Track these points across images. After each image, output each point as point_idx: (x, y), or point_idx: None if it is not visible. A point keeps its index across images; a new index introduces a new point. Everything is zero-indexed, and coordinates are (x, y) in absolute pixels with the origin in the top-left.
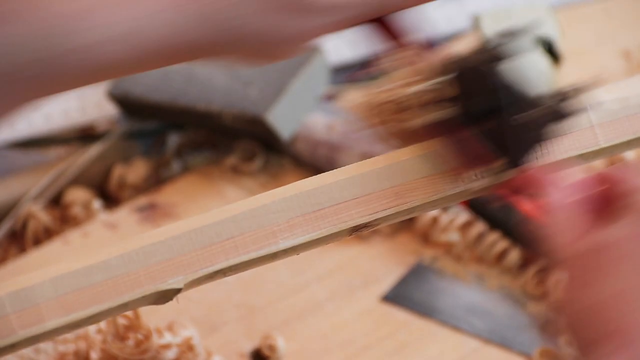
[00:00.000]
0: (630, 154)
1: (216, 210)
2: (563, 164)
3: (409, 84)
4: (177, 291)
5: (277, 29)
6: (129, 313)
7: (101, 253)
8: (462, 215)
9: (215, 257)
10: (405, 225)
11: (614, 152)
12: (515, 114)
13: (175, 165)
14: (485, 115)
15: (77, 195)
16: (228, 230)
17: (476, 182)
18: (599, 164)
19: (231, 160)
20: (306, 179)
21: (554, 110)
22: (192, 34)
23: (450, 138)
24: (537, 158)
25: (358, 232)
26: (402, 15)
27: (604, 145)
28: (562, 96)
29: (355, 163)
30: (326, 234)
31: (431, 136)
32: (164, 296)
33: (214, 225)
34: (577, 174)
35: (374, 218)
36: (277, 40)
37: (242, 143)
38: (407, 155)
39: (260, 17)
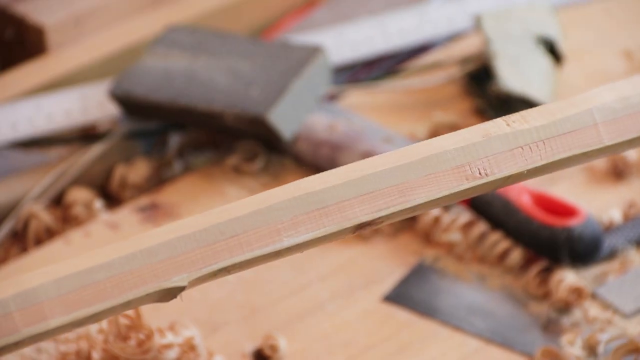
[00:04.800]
0: (631, 153)
1: (220, 208)
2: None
3: None
4: (181, 289)
5: None
6: (131, 313)
7: (104, 251)
8: (463, 215)
9: (219, 254)
10: (406, 225)
11: (617, 150)
12: None
13: (177, 165)
14: None
15: (79, 195)
16: (232, 228)
17: (480, 180)
18: (600, 162)
19: (233, 160)
20: (310, 177)
21: None
22: None
23: None
24: None
25: (362, 229)
26: None
27: (607, 143)
28: None
29: (359, 161)
30: (330, 231)
31: None
32: (168, 294)
33: (217, 223)
34: None
35: (378, 216)
36: None
37: (244, 143)
38: (411, 153)
39: None
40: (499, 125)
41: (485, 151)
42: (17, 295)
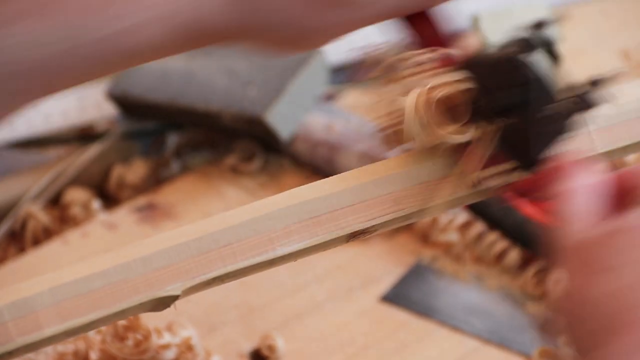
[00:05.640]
0: (628, 159)
1: (214, 217)
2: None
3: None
4: (175, 298)
5: (310, 19)
6: None
7: (99, 260)
8: (461, 215)
9: (213, 264)
10: (404, 225)
11: (610, 157)
12: (542, 107)
13: (175, 165)
14: (506, 110)
15: (77, 195)
16: (225, 237)
17: (477, 187)
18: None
19: (230, 160)
20: (303, 186)
21: (580, 101)
22: (227, 16)
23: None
24: (554, 154)
25: (356, 238)
26: (438, 10)
27: (601, 150)
28: (586, 87)
29: (353, 169)
30: (323, 240)
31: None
32: (162, 303)
33: (211, 232)
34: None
35: (372, 224)
36: (308, 31)
37: (241, 143)
38: (405, 161)
39: (294, 6)
40: None
41: None
42: (11, 304)
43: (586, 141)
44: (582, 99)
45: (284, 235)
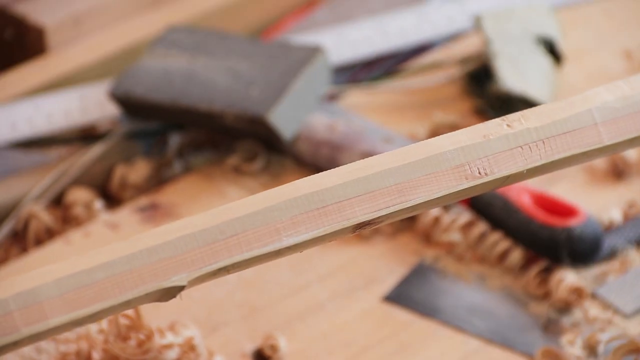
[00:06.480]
0: (631, 153)
1: (219, 208)
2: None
3: None
4: (181, 288)
5: None
6: (131, 313)
7: (104, 251)
8: (463, 215)
9: (219, 254)
10: (406, 225)
11: (616, 150)
12: None
13: (177, 166)
14: None
15: (79, 196)
16: (231, 228)
17: (479, 179)
18: (600, 162)
19: (233, 160)
20: (309, 177)
21: None
22: None
23: None
24: None
25: (361, 229)
26: None
27: (607, 143)
28: None
29: (359, 160)
30: (329, 231)
31: None
32: (168, 293)
33: (217, 223)
34: None
35: (378, 215)
36: None
37: (244, 143)
38: (410, 153)
39: None
40: (499, 125)
41: (485, 151)
42: (17, 294)
43: (593, 133)
44: None
45: (290, 225)
